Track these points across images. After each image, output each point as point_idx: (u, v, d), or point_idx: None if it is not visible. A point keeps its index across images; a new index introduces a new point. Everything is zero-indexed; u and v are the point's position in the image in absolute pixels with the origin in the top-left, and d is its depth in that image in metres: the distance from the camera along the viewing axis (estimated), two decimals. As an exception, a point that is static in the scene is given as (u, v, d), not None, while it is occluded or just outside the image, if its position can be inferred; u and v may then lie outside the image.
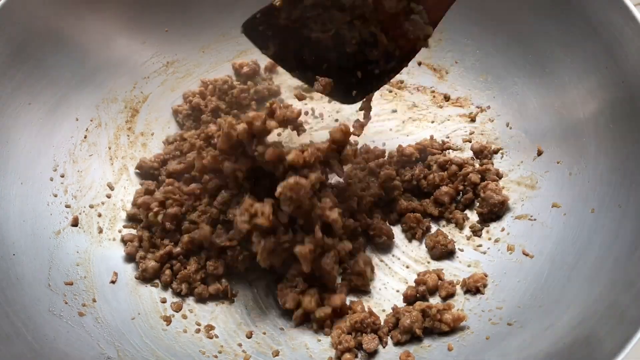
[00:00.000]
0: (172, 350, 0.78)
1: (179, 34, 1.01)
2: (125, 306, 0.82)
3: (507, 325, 0.75)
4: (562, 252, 0.78)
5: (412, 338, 0.77)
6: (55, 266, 0.82)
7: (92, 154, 0.94)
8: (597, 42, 0.84)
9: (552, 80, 0.89)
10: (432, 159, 0.92)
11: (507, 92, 0.93)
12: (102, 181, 0.92)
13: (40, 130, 0.89)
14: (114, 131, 0.96)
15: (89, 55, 0.95)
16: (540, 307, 0.74)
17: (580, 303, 0.71)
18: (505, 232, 0.86)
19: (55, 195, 0.88)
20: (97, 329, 0.77)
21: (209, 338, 0.80)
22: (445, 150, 0.94)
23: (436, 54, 1.00)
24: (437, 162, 0.91)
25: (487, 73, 0.96)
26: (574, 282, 0.74)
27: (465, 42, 0.98)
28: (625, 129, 0.79)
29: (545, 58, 0.90)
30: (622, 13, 0.81)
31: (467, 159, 0.92)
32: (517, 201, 0.87)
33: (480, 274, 0.81)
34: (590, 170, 0.82)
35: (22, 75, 0.88)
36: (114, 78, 0.97)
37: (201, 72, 1.02)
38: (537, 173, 0.87)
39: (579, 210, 0.80)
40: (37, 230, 0.83)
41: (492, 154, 0.93)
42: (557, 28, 0.89)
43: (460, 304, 0.80)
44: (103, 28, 0.96)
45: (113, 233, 0.89)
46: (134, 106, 0.99)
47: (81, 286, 0.81)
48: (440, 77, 1.00)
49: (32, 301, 0.76)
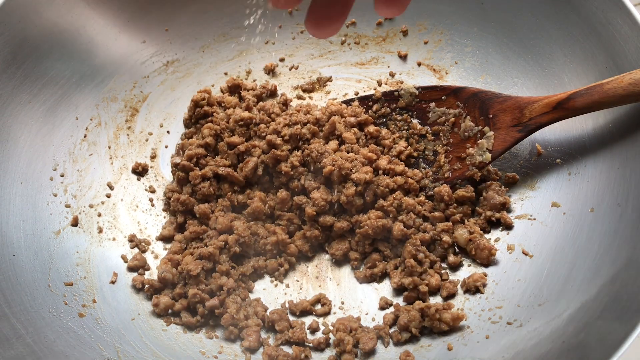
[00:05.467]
0: (172, 350, 0.78)
1: (179, 34, 1.01)
2: (125, 307, 0.81)
3: (507, 324, 0.75)
4: (561, 252, 0.79)
5: (411, 337, 0.78)
6: (55, 266, 0.81)
7: (92, 153, 0.93)
8: (596, 42, 0.84)
9: (552, 80, 0.90)
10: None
11: (507, 92, 0.94)
12: (102, 181, 0.92)
13: (40, 129, 0.89)
14: (114, 130, 0.96)
15: (89, 54, 0.94)
16: (540, 306, 0.75)
17: (579, 302, 0.71)
18: (504, 231, 0.86)
19: (55, 195, 0.88)
20: (97, 330, 0.77)
21: (209, 338, 0.80)
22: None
23: (436, 55, 1.00)
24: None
25: (487, 73, 0.97)
26: (574, 281, 0.74)
27: (465, 42, 0.98)
28: (625, 129, 0.80)
29: (545, 58, 0.90)
30: (622, 13, 0.81)
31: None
32: (517, 201, 0.87)
33: (480, 274, 0.82)
34: (589, 170, 0.82)
35: (22, 74, 0.87)
36: (113, 77, 0.97)
37: (201, 71, 1.02)
38: (536, 173, 0.88)
39: (579, 209, 0.81)
40: (37, 230, 0.83)
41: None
42: (557, 28, 0.89)
43: (460, 303, 0.80)
44: (103, 27, 0.96)
45: (113, 233, 0.89)
46: (133, 105, 0.99)
47: (81, 287, 0.81)
48: (440, 77, 1.00)
49: (31, 302, 0.76)
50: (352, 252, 0.86)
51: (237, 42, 1.03)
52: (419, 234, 0.84)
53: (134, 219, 0.91)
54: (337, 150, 0.88)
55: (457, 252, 0.86)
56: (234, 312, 0.79)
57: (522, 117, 0.83)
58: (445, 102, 0.91)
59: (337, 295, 0.85)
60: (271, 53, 1.04)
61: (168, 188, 0.92)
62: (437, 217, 0.86)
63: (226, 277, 0.83)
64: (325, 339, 0.79)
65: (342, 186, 0.85)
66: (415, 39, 1.02)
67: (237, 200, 0.90)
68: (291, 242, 0.87)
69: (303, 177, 0.88)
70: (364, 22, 1.03)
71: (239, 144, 0.90)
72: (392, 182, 0.85)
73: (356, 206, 0.85)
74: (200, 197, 0.89)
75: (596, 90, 0.78)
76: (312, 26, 0.52)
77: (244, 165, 0.89)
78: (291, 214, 0.88)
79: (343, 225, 0.86)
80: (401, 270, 0.83)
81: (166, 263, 0.84)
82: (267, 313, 0.82)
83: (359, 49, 1.04)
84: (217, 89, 1.01)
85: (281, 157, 0.88)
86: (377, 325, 0.80)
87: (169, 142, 0.98)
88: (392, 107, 0.94)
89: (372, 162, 0.87)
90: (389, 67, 1.02)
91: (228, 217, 0.87)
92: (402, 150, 0.90)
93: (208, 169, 0.89)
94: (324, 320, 0.82)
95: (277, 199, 0.88)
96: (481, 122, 0.87)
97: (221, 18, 1.02)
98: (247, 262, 0.86)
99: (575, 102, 0.79)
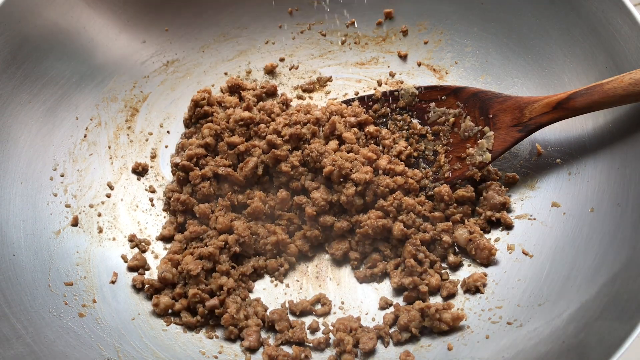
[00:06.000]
0: (172, 350, 0.78)
1: (179, 34, 1.01)
2: (125, 307, 0.81)
3: (507, 324, 0.75)
4: (561, 251, 0.79)
5: (411, 337, 0.78)
6: (55, 266, 0.81)
7: (92, 153, 0.93)
8: (596, 42, 0.84)
9: (552, 80, 0.90)
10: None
11: (507, 92, 0.94)
12: (102, 180, 0.92)
13: (40, 129, 0.89)
14: (114, 130, 0.96)
15: (89, 54, 0.94)
16: (539, 306, 0.75)
17: (579, 302, 0.71)
18: (504, 231, 0.86)
19: (55, 195, 0.88)
20: (97, 330, 0.77)
21: (209, 338, 0.80)
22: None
23: (436, 55, 1.00)
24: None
25: (487, 73, 0.97)
26: (573, 281, 0.74)
27: (465, 42, 0.99)
28: (625, 129, 0.80)
29: (545, 58, 0.91)
30: (622, 13, 0.81)
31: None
32: (517, 201, 0.87)
33: (480, 274, 0.82)
34: (589, 170, 0.82)
35: (22, 74, 0.87)
36: (113, 77, 0.97)
37: (201, 71, 1.02)
38: (536, 173, 0.88)
39: (579, 209, 0.81)
40: (37, 230, 0.83)
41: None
42: (557, 28, 0.89)
43: (460, 303, 0.80)
44: (103, 27, 0.96)
45: (113, 233, 0.89)
46: (133, 105, 0.99)
47: (81, 287, 0.81)
48: (440, 77, 1.00)
49: (31, 302, 0.76)
50: (352, 252, 0.86)
51: (237, 42, 1.03)
52: (419, 234, 0.84)
53: (134, 218, 0.91)
54: (337, 150, 0.88)
55: (457, 252, 0.86)
56: (234, 312, 0.79)
57: (522, 117, 0.83)
58: (445, 102, 0.91)
59: (337, 295, 0.85)
60: (271, 53, 1.04)
61: (168, 188, 0.92)
62: (437, 217, 0.86)
63: (226, 277, 0.83)
64: (325, 339, 0.79)
65: (342, 186, 0.85)
66: (415, 39, 1.02)
67: (237, 200, 0.90)
68: (291, 242, 0.87)
69: (303, 177, 0.88)
70: (364, 22, 1.03)
71: (239, 144, 0.90)
72: (392, 182, 0.86)
73: (356, 206, 0.85)
74: (200, 197, 0.89)
75: (596, 90, 0.78)
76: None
77: (244, 165, 0.89)
78: (291, 214, 0.88)
79: (343, 225, 0.86)
80: (401, 270, 0.83)
81: (166, 263, 0.84)
82: (267, 313, 0.82)
83: (359, 49, 1.04)
84: (217, 89, 1.01)
85: (281, 157, 0.88)
86: (377, 325, 0.80)
87: (169, 142, 0.98)
88: (392, 107, 0.94)
89: (372, 162, 0.87)
90: (389, 67, 1.02)
91: (228, 217, 0.87)
92: (402, 150, 0.90)
93: (208, 169, 0.89)
94: (324, 320, 0.82)
95: (277, 199, 0.88)
96: (481, 122, 0.87)
97: (221, 18, 1.02)
98: (247, 262, 0.87)
99: (575, 102, 0.79)
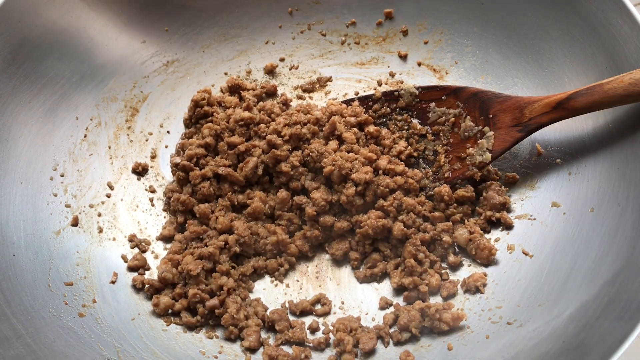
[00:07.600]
0: (172, 350, 0.78)
1: (179, 34, 1.01)
2: (125, 307, 0.82)
3: (507, 324, 0.75)
4: (561, 251, 0.79)
5: (411, 337, 0.78)
6: (55, 266, 0.81)
7: (92, 153, 0.93)
8: (596, 42, 0.84)
9: (552, 80, 0.90)
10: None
11: (507, 92, 0.94)
12: (102, 180, 0.92)
13: (40, 129, 0.89)
14: (114, 130, 0.96)
15: (89, 54, 0.94)
16: (539, 306, 0.75)
17: (579, 302, 0.71)
18: (504, 231, 0.86)
19: (55, 195, 0.88)
20: (97, 330, 0.77)
21: (209, 338, 0.80)
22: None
23: (436, 55, 1.00)
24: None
25: (487, 73, 0.97)
26: (573, 281, 0.74)
27: (465, 42, 0.99)
28: (625, 129, 0.80)
29: (545, 58, 0.91)
30: (622, 13, 0.81)
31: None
32: (517, 201, 0.87)
33: (480, 273, 0.82)
34: (589, 170, 0.82)
35: (22, 74, 0.87)
36: (113, 77, 0.97)
37: (201, 71, 1.02)
38: (536, 173, 0.88)
39: (579, 209, 0.81)
40: (37, 230, 0.83)
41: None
42: (557, 28, 0.89)
43: (460, 303, 0.80)
44: (103, 27, 0.96)
45: (113, 233, 0.89)
46: (133, 105, 0.99)
47: (81, 287, 0.81)
48: (441, 77, 1.00)
49: (31, 302, 0.76)
50: (352, 252, 0.86)
51: (237, 42, 1.03)
52: (419, 234, 0.84)
53: (134, 218, 0.91)
54: (337, 150, 0.88)
55: (457, 252, 0.86)
56: (234, 312, 0.79)
57: (522, 117, 0.83)
58: (445, 102, 0.91)
59: (337, 295, 0.85)
60: (271, 53, 1.04)
61: (168, 188, 0.92)
62: (437, 217, 0.86)
63: (226, 277, 0.83)
64: (325, 339, 0.79)
65: (342, 186, 0.85)
66: (415, 39, 1.02)
67: (237, 200, 0.90)
68: (291, 242, 0.87)
69: (303, 177, 0.88)
70: (364, 22, 1.03)
71: (239, 144, 0.90)
72: (392, 182, 0.86)
73: (356, 206, 0.85)
74: (200, 197, 0.89)
75: (596, 90, 0.78)
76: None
77: (244, 165, 0.89)
78: (291, 214, 0.88)
79: (343, 225, 0.86)
80: (401, 270, 0.83)
81: (166, 263, 0.84)
82: (267, 313, 0.82)
83: (359, 49, 1.04)
84: (217, 89, 1.01)
85: (281, 157, 0.88)
86: (377, 325, 0.80)
87: (169, 142, 0.98)
88: (392, 107, 0.94)
89: (372, 162, 0.87)
90: (389, 67, 1.02)
91: (228, 217, 0.87)
92: (402, 150, 0.90)
93: (208, 169, 0.89)
94: (324, 320, 0.82)
95: (277, 199, 0.88)
96: (481, 122, 0.87)
97: (221, 18, 1.02)
98: (247, 262, 0.87)
99: (575, 102, 0.79)
